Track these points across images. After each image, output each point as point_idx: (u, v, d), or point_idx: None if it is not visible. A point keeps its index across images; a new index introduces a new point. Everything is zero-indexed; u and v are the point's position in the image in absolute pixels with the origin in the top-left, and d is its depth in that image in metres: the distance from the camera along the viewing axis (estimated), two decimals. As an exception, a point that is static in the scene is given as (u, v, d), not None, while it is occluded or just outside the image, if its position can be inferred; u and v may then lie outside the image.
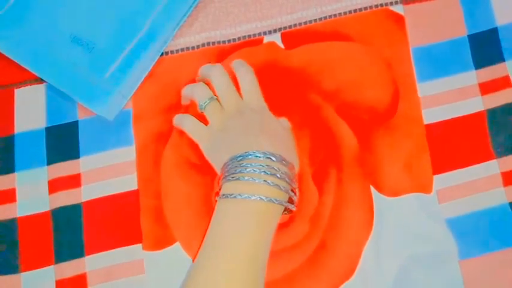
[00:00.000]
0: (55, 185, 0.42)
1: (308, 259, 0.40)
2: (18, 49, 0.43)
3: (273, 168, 0.36)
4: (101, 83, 0.42)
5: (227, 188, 0.36)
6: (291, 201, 0.38)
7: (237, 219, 0.35)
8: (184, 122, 0.42)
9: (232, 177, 0.36)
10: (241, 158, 0.36)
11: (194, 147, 0.42)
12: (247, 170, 0.35)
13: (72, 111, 0.43)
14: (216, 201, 0.38)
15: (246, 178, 0.35)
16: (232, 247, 0.34)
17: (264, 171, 0.35)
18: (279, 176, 0.36)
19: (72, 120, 0.43)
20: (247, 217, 0.35)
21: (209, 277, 0.34)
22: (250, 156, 0.36)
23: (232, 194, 0.35)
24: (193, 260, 0.39)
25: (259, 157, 0.36)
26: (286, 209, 0.38)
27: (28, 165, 0.42)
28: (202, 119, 0.42)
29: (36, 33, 0.43)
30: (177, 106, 0.43)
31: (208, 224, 0.37)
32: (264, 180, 0.35)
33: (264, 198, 0.35)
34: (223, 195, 0.36)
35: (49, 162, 0.42)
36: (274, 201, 0.35)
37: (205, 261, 0.35)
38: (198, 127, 0.41)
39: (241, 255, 0.34)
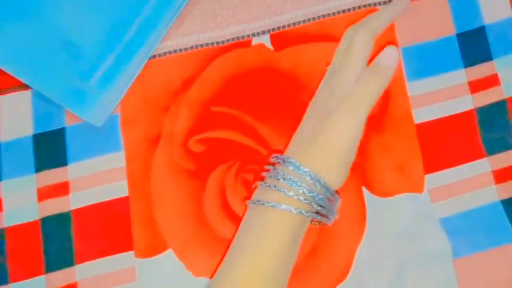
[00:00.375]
0: (44, 193, 0.41)
1: (301, 262, 0.40)
2: (2, 54, 0.42)
3: (311, 192, 0.34)
4: (88, 89, 0.41)
5: (257, 193, 0.36)
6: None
7: (260, 228, 0.34)
8: None
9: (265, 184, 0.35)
10: (284, 163, 0.35)
11: (185, 151, 0.42)
12: (284, 181, 0.34)
13: (59, 117, 0.42)
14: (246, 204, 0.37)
15: (279, 188, 0.34)
16: (250, 258, 0.34)
17: (301, 189, 0.33)
18: (315, 203, 0.34)
19: (60, 127, 0.42)
20: (271, 226, 0.34)
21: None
22: (292, 168, 0.34)
23: (259, 201, 0.34)
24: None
25: (302, 174, 0.34)
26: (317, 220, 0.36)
27: (15, 173, 0.41)
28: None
29: (20, 38, 0.42)
30: (166, 110, 0.43)
31: (201, 230, 0.36)
32: (297, 196, 0.33)
33: (293, 209, 0.33)
34: (252, 201, 0.35)
35: (37, 170, 0.41)
36: (304, 213, 0.34)
37: (225, 270, 0.34)
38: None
39: (259, 267, 0.33)
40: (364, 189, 0.41)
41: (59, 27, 0.43)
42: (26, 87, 0.43)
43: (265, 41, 0.44)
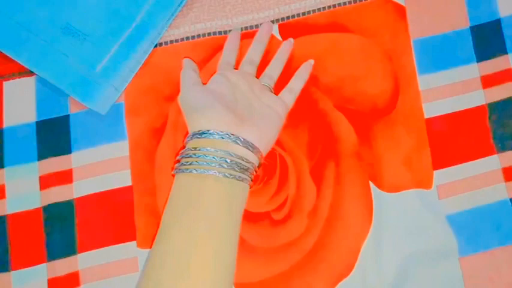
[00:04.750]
0: (46, 181, 0.40)
1: (306, 256, 0.39)
2: (6, 40, 0.42)
3: (230, 155, 0.34)
4: (93, 76, 0.41)
5: (184, 159, 0.35)
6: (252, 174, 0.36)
7: (190, 194, 0.34)
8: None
9: (188, 155, 0.35)
10: (200, 136, 0.35)
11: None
12: (202, 155, 0.34)
13: (63, 104, 0.42)
14: (172, 172, 0.36)
15: (200, 163, 0.34)
16: (184, 222, 0.33)
17: (222, 158, 0.34)
18: (237, 167, 0.34)
19: (63, 114, 0.42)
20: (201, 192, 0.34)
21: (166, 261, 0.33)
22: (209, 136, 0.34)
23: (188, 169, 0.34)
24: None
25: (218, 139, 0.34)
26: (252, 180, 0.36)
27: (18, 160, 0.41)
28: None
29: (25, 23, 0.42)
30: (171, 99, 0.42)
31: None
32: (220, 165, 0.34)
33: (218, 173, 0.33)
34: (179, 169, 0.35)
35: (40, 158, 0.41)
36: (229, 176, 0.34)
37: (160, 244, 0.34)
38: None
39: (194, 232, 0.33)
40: (371, 184, 0.40)
41: (63, 13, 0.42)
42: (29, 73, 0.42)
43: (274, 31, 0.43)
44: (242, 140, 0.35)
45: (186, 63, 0.41)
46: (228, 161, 0.34)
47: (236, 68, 0.41)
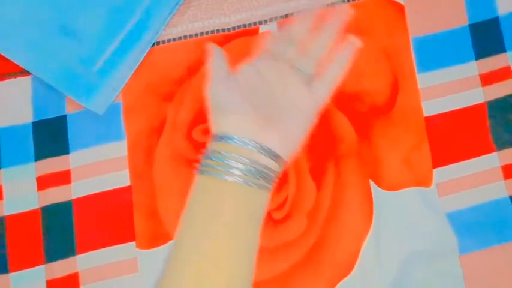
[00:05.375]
0: (44, 182, 0.40)
1: (306, 255, 0.39)
2: (1, 39, 0.41)
3: (253, 163, 0.33)
4: (90, 75, 0.40)
5: (207, 161, 0.34)
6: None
7: (212, 200, 0.33)
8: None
9: (210, 157, 0.33)
10: (223, 140, 0.34)
11: (189, 141, 0.41)
12: (224, 159, 0.33)
13: (60, 105, 0.41)
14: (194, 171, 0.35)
15: (222, 168, 0.33)
16: (208, 231, 0.32)
17: (244, 165, 0.32)
18: (259, 175, 0.33)
19: (60, 115, 0.41)
20: (223, 200, 0.33)
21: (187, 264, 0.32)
22: (233, 142, 0.33)
23: (209, 172, 0.33)
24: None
25: (241, 145, 0.33)
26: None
27: (15, 161, 0.40)
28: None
29: (21, 22, 0.41)
30: (169, 98, 0.42)
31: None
32: (242, 172, 0.32)
33: (240, 180, 0.32)
34: (201, 170, 0.34)
35: (37, 158, 0.40)
36: (251, 184, 0.32)
37: (179, 250, 0.33)
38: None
39: (217, 243, 0.32)
40: (371, 182, 0.40)
41: (60, 10, 0.41)
42: (25, 73, 0.42)
43: (273, 28, 0.42)
44: (266, 149, 0.33)
45: (214, 50, 0.37)
46: (251, 169, 0.33)
47: None
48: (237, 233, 0.33)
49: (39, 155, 0.40)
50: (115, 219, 0.40)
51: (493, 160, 0.40)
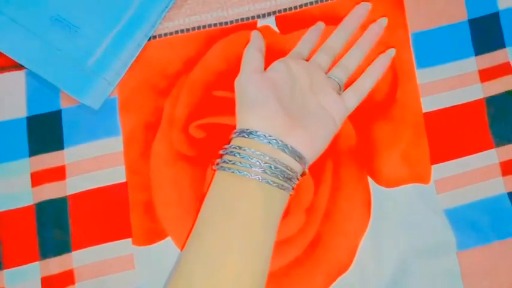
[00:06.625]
0: (38, 178, 0.40)
1: (304, 252, 0.39)
2: (-6, 32, 0.40)
3: (275, 162, 0.32)
4: (85, 70, 0.40)
5: (227, 157, 0.33)
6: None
7: (231, 198, 0.32)
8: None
9: (232, 152, 0.33)
10: (247, 135, 0.33)
11: (185, 137, 0.40)
12: (246, 156, 0.32)
13: (54, 99, 0.41)
14: (213, 167, 0.35)
15: (243, 164, 0.32)
16: (219, 228, 0.32)
17: (266, 164, 0.32)
18: (281, 175, 0.33)
19: (55, 109, 0.41)
20: (242, 198, 0.32)
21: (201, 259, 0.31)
22: (256, 138, 0.32)
23: (230, 169, 0.32)
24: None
25: (265, 143, 0.32)
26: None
27: (8, 157, 0.40)
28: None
29: (13, 15, 0.40)
30: (166, 94, 0.41)
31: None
32: (263, 170, 0.32)
33: (261, 179, 0.32)
34: (221, 165, 0.33)
35: (31, 154, 0.40)
36: (271, 183, 0.32)
37: (193, 245, 0.33)
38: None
39: (233, 242, 0.32)
40: (369, 179, 0.40)
41: (53, 4, 0.40)
42: (19, 66, 0.41)
43: (271, 23, 0.42)
44: (290, 148, 0.33)
45: (254, 36, 0.37)
46: (273, 167, 0.32)
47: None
48: (251, 232, 0.32)
49: (34, 151, 0.40)
50: (111, 215, 0.39)
51: (492, 156, 0.40)
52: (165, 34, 0.42)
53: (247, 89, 0.35)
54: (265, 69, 0.37)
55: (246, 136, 0.33)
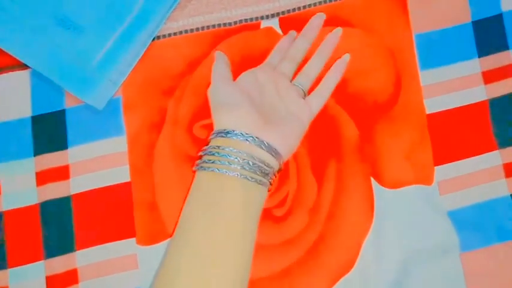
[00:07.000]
0: (43, 177, 0.40)
1: (307, 252, 0.39)
2: (-1, 32, 0.40)
3: (253, 158, 0.34)
4: (89, 69, 0.40)
5: (207, 157, 0.35)
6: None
7: (212, 195, 0.34)
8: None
9: (211, 152, 0.34)
10: (224, 135, 0.35)
11: (189, 137, 0.40)
12: (225, 154, 0.34)
13: (58, 99, 0.41)
14: (193, 168, 0.36)
15: (222, 162, 0.33)
16: (201, 225, 0.33)
17: (244, 160, 0.33)
18: (258, 171, 0.34)
19: (59, 109, 0.41)
20: (223, 194, 0.33)
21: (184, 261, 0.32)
22: (233, 137, 0.34)
23: (209, 168, 0.34)
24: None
25: (243, 140, 0.34)
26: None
27: (13, 156, 0.40)
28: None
29: (19, 15, 0.40)
30: (170, 94, 0.41)
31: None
32: (242, 167, 0.33)
33: (240, 175, 0.33)
34: (201, 166, 0.34)
35: (36, 153, 0.40)
36: (250, 179, 0.33)
37: (178, 244, 0.33)
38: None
39: (216, 237, 0.33)
40: (372, 180, 0.40)
41: (58, 4, 0.41)
42: (23, 66, 0.41)
43: (274, 24, 0.42)
44: (266, 144, 0.34)
45: (218, 55, 0.40)
46: (251, 163, 0.33)
47: None
48: (234, 227, 0.33)
49: (38, 150, 0.40)
50: (115, 215, 0.39)
51: (495, 158, 0.40)
52: (169, 34, 0.42)
53: (220, 95, 0.37)
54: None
55: (224, 136, 0.35)
